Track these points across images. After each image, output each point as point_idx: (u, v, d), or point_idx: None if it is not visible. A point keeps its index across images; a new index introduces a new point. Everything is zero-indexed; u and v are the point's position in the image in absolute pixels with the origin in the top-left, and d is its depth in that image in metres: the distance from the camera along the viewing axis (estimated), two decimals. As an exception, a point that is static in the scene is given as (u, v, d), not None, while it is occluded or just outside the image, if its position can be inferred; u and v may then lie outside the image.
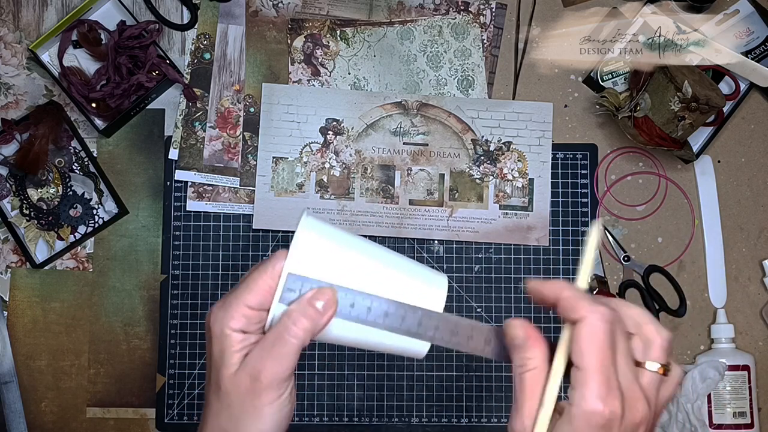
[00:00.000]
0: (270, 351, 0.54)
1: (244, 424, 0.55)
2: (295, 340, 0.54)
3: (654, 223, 1.02)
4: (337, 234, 0.56)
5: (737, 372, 0.98)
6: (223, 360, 0.55)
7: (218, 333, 0.55)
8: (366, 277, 0.55)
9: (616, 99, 0.99)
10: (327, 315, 0.54)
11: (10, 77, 1.02)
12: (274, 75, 1.02)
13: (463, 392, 1.00)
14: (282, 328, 0.54)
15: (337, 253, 0.55)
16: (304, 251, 0.54)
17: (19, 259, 1.01)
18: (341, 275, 0.54)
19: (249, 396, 0.55)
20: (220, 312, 0.56)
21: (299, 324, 0.53)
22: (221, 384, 0.55)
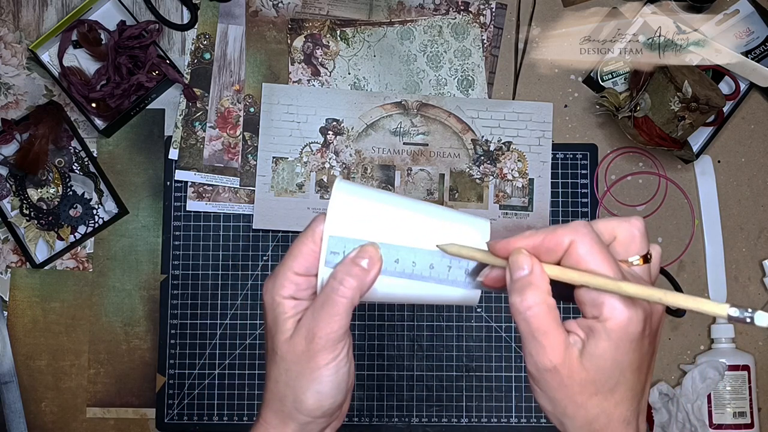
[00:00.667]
0: (320, 312, 0.55)
1: (301, 386, 0.56)
2: (345, 299, 0.54)
3: (654, 223, 1.02)
4: (371, 192, 0.56)
5: (737, 372, 0.98)
6: (277, 327, 0.56)
7: (270, 302, 0.57)
8: (407, 230, 0.55)
9: (616, 99, 0.99)
10: (373, 272, 0.54)
11: (10, 77, 1.02)
12: (274, 75, 1.02)
13: (463, 392, 1.00)
14: (330, 290, 0.54)
15: (374, 211, 0.55)
16: (342, 212, 0.55)
17: (19, 259, 1.01)
18: (382, 231, 0.55)
19: (305, 358, 0.55)
20: (269, 283, 0.57)
21: (346, 283, 0.54)
22: (277, 350, 0.56)
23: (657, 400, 0.98)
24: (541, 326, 0.49)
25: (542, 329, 0.49)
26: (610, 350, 0.48)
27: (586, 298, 0.49)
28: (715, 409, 0.98)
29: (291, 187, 1.01)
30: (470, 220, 0.56)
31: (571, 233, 0.50)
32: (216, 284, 1.01)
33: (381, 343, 1.00)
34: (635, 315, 0.48)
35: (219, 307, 1.00)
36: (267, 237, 1.01)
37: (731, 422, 0.98)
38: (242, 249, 1.01)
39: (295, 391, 0.56)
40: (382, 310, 1.01)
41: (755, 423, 0.98)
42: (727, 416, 0.98)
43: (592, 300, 0.49)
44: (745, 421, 0.98)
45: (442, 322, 1.01)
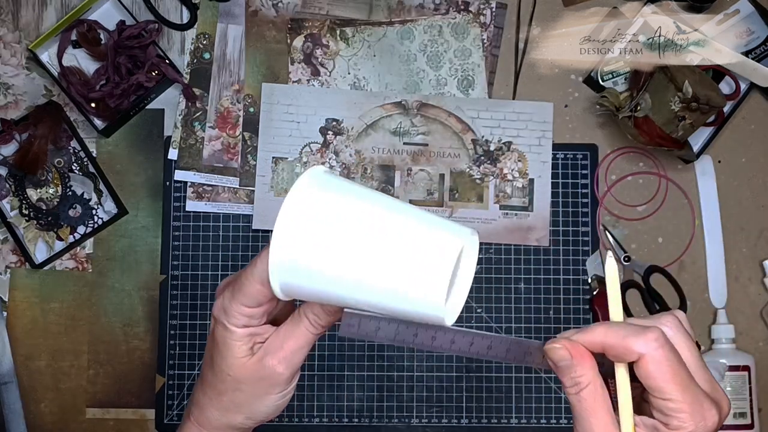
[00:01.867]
0: (288, 344, 0.56)
1: (252, 406, 0.58)
2: (313, 337, 0.56)
3: (654, 224, 1.02)
4: (333, 209, 0.50)
5: (737, 372, 0.98)
6: (229, 350, 0.56)
7: (223, 323, 0.56)
8: (366, 266, 0.48)
9: (616, 99, 0.98)
10: (335, 318, 0.55)
11: (9, 77, 1.02)
12: (274, 75, 1.02)
13: (463, 392, 1.00)
14: (302, 324, 0.56)
15: (333, 243, 0.49)
16: (288, 252, 0.49)
17: (18, 259, 1.01)
18: (338, 268, 0.49)
19: (263, 385, 0.57)
20: (226, 303, 0.56)
21: (319, 321, 0.56)
22: (229, 371, 0.57)
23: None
24: (583, 409, 0.49)
25: (585, 411, 0.49)
26: None
27: (656, 404, 0.49)
28: (716, 410, 0.98)
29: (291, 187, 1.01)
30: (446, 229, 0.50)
31: (641, 342, 0.48)
32: (216, 284, 1.01)
33: (381, 344, 1.00)
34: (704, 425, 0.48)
35: (219, 307, 1.00)
36: (267, 237, 1.01)
37: (731, 422, 0.98)
38: (242, 249, 1.01)
39: (243, 408, 0.58)
40: (382, 311, 1.01)
41: (755, 423, 0.98)
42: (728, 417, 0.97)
43: (665, 410, 0.48)
44: (745, 421, 0.98)
45: (442, 322, 1.00)
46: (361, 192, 0.51)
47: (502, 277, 1.01)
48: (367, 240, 0.49)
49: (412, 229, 0.49)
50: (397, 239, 0.49)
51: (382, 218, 0.50)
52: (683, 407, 0.48)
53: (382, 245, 0.49)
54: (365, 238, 0.49)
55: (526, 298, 1.01)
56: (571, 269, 1.01)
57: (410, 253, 0.48)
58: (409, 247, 0.49)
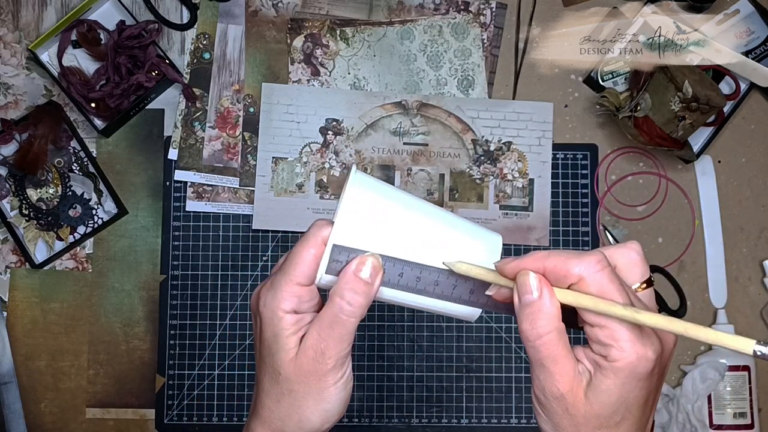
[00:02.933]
0: (330, 333, 0.53)
1: (308, 407, 0.54)
2: (353, 319, 0.53)
3: (654, 224, 1.02)
4: (385, 192, 0.54)
5: (737, 372, 0.98)
6: (279, 344, 0.54)
7: (269, 316, 0.54)
8: (414, 242, 0.53)
9: (616, 99, 0.98)
10: (376, 284, 0.52)
11: (9, 77, 1.02)
12: (274, 75, 1.02)
13: (463, 392, 1.00)
14: (337, 309, 0.52)
15: (384, 218, 0.53)
16: (352, 217, 0.52)
17: (18, 259, 1.01)
18: (388, 242, 0.53)
19: (313, 379, 0.54)
20: (269, 295, 0.54)
21: (354, 302, 0.52)
22: (280, 370, 0.54)
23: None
24: (551, 354, 0.48)
25: (552, 357, 0.48)
26: (616, 387, 0.47)
27: (594, 336, 0.48)
28: (716, 410, 0.98)
29: (291, 187, 1.01)
30: (482, 234, 0.55)
31: (583, 264, 0.47)
32: (216, 284, 1.01)
33: (381, 344, 1.00)
34: (645, 354, 0.47)
35: (219, 307, 1.00)
36: (267, 237, 1.01)
37: (731, 423, 0.98)
38: (242, 249, 1.01)
39: (300, 411, 0.55)
40: (382, 311, 1.01)
41: (755, 423, 0.98)
42: (728, 417, 0.98)
43: (599, 339, 0.47)
44: (745, 421, 0.98)
45: (442, 322, 1.00)
46: (405, 196, 0.56)
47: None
48: (422, 213, 0.54)
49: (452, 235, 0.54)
50: (449, 220, 0.54)
51: (433, 215, 0.54)
52: (622, 334, 0.46)
53: (438, 217, 0.54)
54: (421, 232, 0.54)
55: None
56: (571, 269, 1.01)
57: (459, 244, 0.53)
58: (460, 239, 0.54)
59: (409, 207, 0.54)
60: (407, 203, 0.54)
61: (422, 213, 0.54)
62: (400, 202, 0.54)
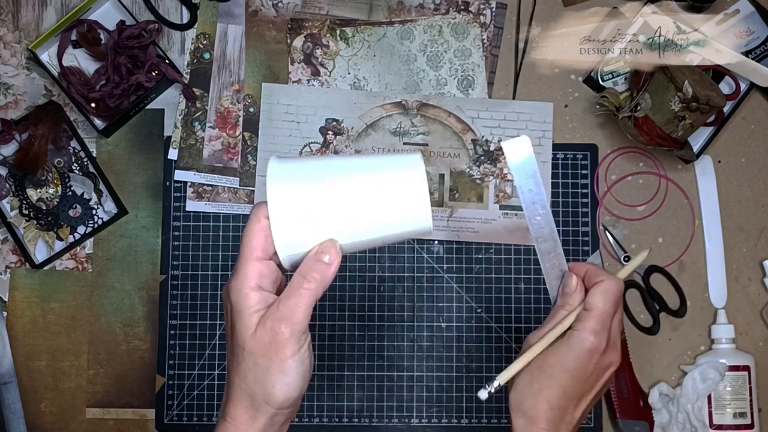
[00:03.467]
0: (286, 303, 0.58)
1: (270, 379, 0.59)
2: (308, 291, 0.59)
3: (654, 224, 1.02)
4: (304, 170, 0.60)
5: (737, 372, 0.98)
6: (242, 321, 0.59)
7: (236, 298, 0.59)
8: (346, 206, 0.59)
9: (616, 99, 0.98)
10: (333, 266, 0.59)
11: (9, 77, 1.02)
12: (274, 75, 1.02)
13: (463, 392, 1.00)
14: (296, 285, 0.59)
15: (313, 197, 0.59)
16: (283, 208, 0.59)
17: (18, 259, 1.01)
18: (325, 216, 0.59)
19: (273, 349, 0.58)
20: (234, 280, 0.59)
21: (310, 277, 0.59)
22: (244, 345, 0.59)
23: (657, 400, 0.98)
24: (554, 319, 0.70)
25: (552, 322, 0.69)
26: (566, 353, 0.66)
27: (580, 314, 0.67)
28: (716, 410, 0.98)
29: (291, 188, 1.01)
30: (398, 162, 0.60)
31: (607, 276, 0.68)
32: (216, 284, 1.01)
33: (381, 344, 1.00)
34: (592, 340, 0.65)
35: (218, 307, 1.00)
36: (267, 237, 1.01)
37: (731, 423, 0.98)
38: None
39: (264, 384, 0.59)
40: (382, 311, 1.01)
41: (755, 423, 0.98)
42: (728, 417, 0.98)
43: (581, 316, 0.67)
44: (745, 421, 0.98)
45: (442, 322, 1.01)
46: (319, 162, 0.62)
47: (502, 277, 1.01)
48: (346, 188, 0.59)
49: (376, 164, 0.61)
50: (369, 178, 0.60)
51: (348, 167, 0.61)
52: (592, 319, 0.65)
53: (359, 185, 0.59)
54: (344, 187, 0.59)
55: (526, 298, 1.00)
56: (571, 269, 1.01)
57: (387, 182, 0.60)
58: (383, 178, 0.60)
59: (325, 171, 0.60)
60: (323, 167, 0.60)
61: (339, 171, 0.60)
62: (317, 170, 0.60)
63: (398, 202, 0.59)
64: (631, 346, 1.00)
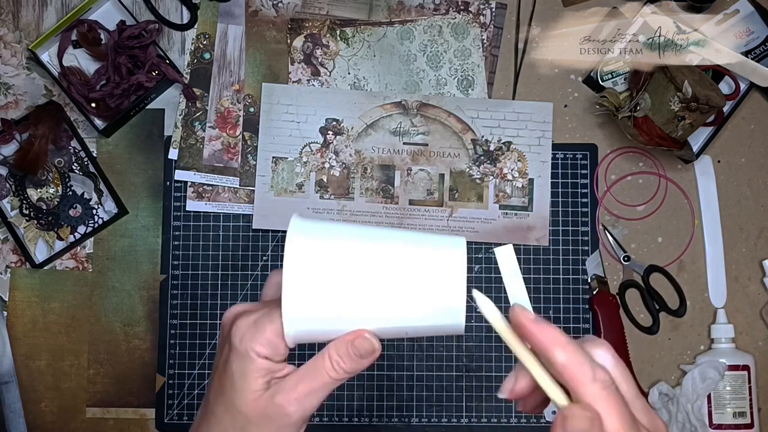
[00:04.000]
0: (304, 386, 0.53)
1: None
2: (332, 383, 0.53)
3: (654, 223, 1.02)
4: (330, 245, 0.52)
5: (737, 372, 0.98)
6: (246, 383, 0.53)
7: (242, 353, 0.53)
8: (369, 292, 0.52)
9: (616, 99, 0.99)
10: (367, 362, 0.54)
11: (9, 77, 1.02)
12: (274, 75, 1.02)
13: (463, 392, 1.00)
14: (322, 369, 0.53)
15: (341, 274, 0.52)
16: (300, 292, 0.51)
17: (18, 259, 1.01)
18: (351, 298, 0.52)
19: (271, 426, 0.53)
20: (248, 332, 0.53)
21: (340, 367, 0.53)
22: (242, 408, 0.54)
23: (657, 400, 0.98)
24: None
25: None
26: None
27: None
28: (715, 409, 0.98)
29: (291, 187, 1.01)
30: (442, 244, 0.53)
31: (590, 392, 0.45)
32: (216, 284, 1.01)
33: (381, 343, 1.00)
34: None
35: (219, 307, 1.00)
36: (267, 237, 1.01)
37: (731, 422, 0.98)
38: (242, 249, 1.01)
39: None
40: (381, 310, 1.01)
41: (755, 423, 0.98)
42: (727, 416, 0.98)
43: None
44: (745, 421, 0.98)
45: (442, 322, 1.01)
46: (348, 230, 0.54)
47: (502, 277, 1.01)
48: (373, 273, 0.52)
49: (414, 252, 0.52)
50: (403, 265, 0.52)
51: (381, 249, 0.52)
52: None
53: (390, 274, 0.52)
54: (371, 272, 0.52)
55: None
56: (571, 269, 1.01)
57: (421, 275, 0.52)
58: (419, 270, 0.52)
59: (358, 244, 0.52)
60: (356, 240, 0.52)
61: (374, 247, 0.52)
62: (347, 246, 0.52)
63: (431, 286, 0.51)
64: (631, 346, 1.00)
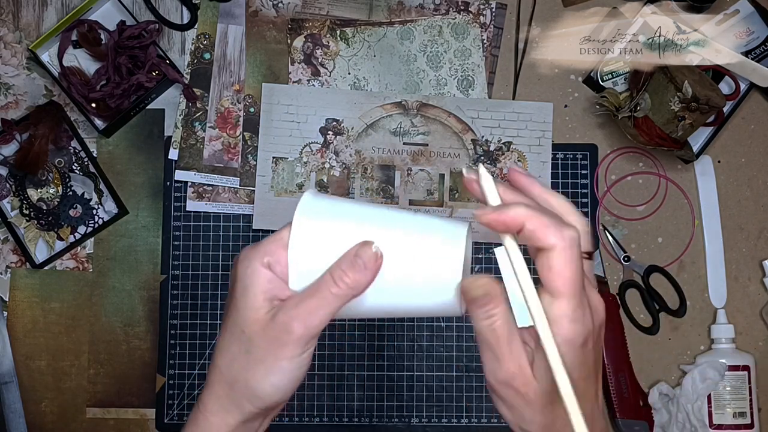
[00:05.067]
0: (307, 302, 0.52)
1: (259, 373, 0.53)
2: (336, 298, 0.51)
3: (654, 224, 1.02)
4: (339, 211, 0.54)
5: (737, 372, 0.98)
6: (247, 300, 0.52)
7: (243, 270, 0.53)
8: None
9: (616, 99, 0.99)
10: (370, 273, 0.52)
11: (9, 77, 1.02)
12: (274, 75, 1.02)
13: (463, 392, 1.00)
14: (323, 286, 0.52)
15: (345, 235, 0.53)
16: (307, 242, 0.53)
17: (18, 259, 1.01)
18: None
19: (273, 345, 0.52)
20: (250, 249, 0.54)
21: (342, 282, 0.51)
22: (244, 327, 0.53)
23: (657, 400, 0.98)
24: (498, 336, 0.50)
25: (498, 342, 0.50)
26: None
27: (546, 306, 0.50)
28: (715, 410, 0.98)
29: (291, 187, 1.01)
30: (445, 230, 0.55)
31: (557, 237, 0.49)
32: (216, 284, 1.01)
33: (381, 343, 1.00)
34: (579, 329, 0.49)
35: (219, 307, 1.00)
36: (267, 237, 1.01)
37: (731, 423, 0.98)
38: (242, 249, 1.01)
39: (250, 375, 0.53)
40: (382, 311, 1.01)
41: (755, 423, 0.98)
42: (727, 416, 0.98)
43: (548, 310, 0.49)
44: (745, 421, 0.98)
45: (442, 322, 1.01)
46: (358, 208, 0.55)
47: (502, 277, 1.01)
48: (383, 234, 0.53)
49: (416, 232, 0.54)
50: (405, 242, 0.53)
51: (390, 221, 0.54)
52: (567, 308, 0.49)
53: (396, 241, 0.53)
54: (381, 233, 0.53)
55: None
56: (571, 269, 1.01)
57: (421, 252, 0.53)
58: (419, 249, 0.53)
59: (364, 217, 0.54)
60: (362, 214, 0.54)
61: (377, 225, 0.54)
62: (355, 213, 0.54)
63: (428, 266, 0.53)
64: (631, 346, 1.00)
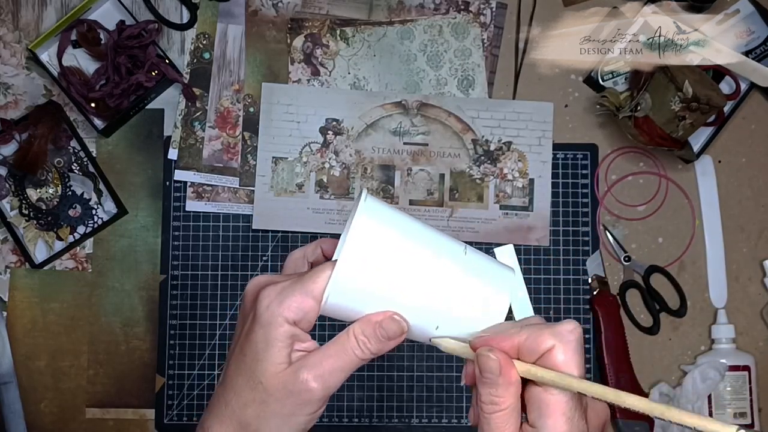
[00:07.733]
0: (329, 364, 0.53)
1: (273, 424, 0.53)
2: (357, 361, 0.53)
3: (654, 224, 1.02)
4: (396, 230, 0.53)
5: (738, 372, 0.98)
6: (269, 354, 0.52)
7: (268, 320, 0.52)
8: (421, 291, 0.53)
9: (616, 99, 0.98)
10: (392, 343, 0.54)
11: (9, 77, 1.02)
12: (274, 75, 1.02)
13: (463, 392, 1.00)
14: (347, 346, 0.53)
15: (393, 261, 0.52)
16: (359, 257, 0.52)
17: (18, 259, 1.01)
18: (394, 286, 0.53)
19: (291, 401, 0.53)
20: (276, 299, 0.53)
21: (365, 346, 0.53)
22: (262, 379, 0.53)
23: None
24: (501, 428, 0.49)
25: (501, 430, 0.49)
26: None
27: (534, 402, 0.49)
28: (716, 410, 0.98)
29: (291, 187, 1.01)
30: (492, 278, 0.54)
31: (555, 338, 0.49)
32: (216, 284, 1.01)
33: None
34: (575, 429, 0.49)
35: (219, 307, 1.00)
36: (267, 237, 1.01)
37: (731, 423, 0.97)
38: (242, 249, 1.01)
39: (263, 424, 0.53)
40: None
41: (756, 423, 0.98)
42: (728, 417, 0.98)
43: (538, 407, 0.49)
44: (745, 421, 0.98)
45: (442, 322, 1.00)
46: (419, 230, 0.54)
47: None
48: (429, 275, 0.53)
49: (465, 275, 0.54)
50: (454, 277, 0.53)
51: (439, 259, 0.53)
52: (561, 406, 0.48)
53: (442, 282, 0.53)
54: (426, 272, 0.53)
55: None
56: (571, 269, 1.01)
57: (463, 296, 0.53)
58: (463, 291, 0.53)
59: (419, 243, 0.53)
60: (418, 237, 0.53)
61: (432, 253, 0.53)
62: (412, 236, 0.53)
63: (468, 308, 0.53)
64: (632, 346, 1.00)
